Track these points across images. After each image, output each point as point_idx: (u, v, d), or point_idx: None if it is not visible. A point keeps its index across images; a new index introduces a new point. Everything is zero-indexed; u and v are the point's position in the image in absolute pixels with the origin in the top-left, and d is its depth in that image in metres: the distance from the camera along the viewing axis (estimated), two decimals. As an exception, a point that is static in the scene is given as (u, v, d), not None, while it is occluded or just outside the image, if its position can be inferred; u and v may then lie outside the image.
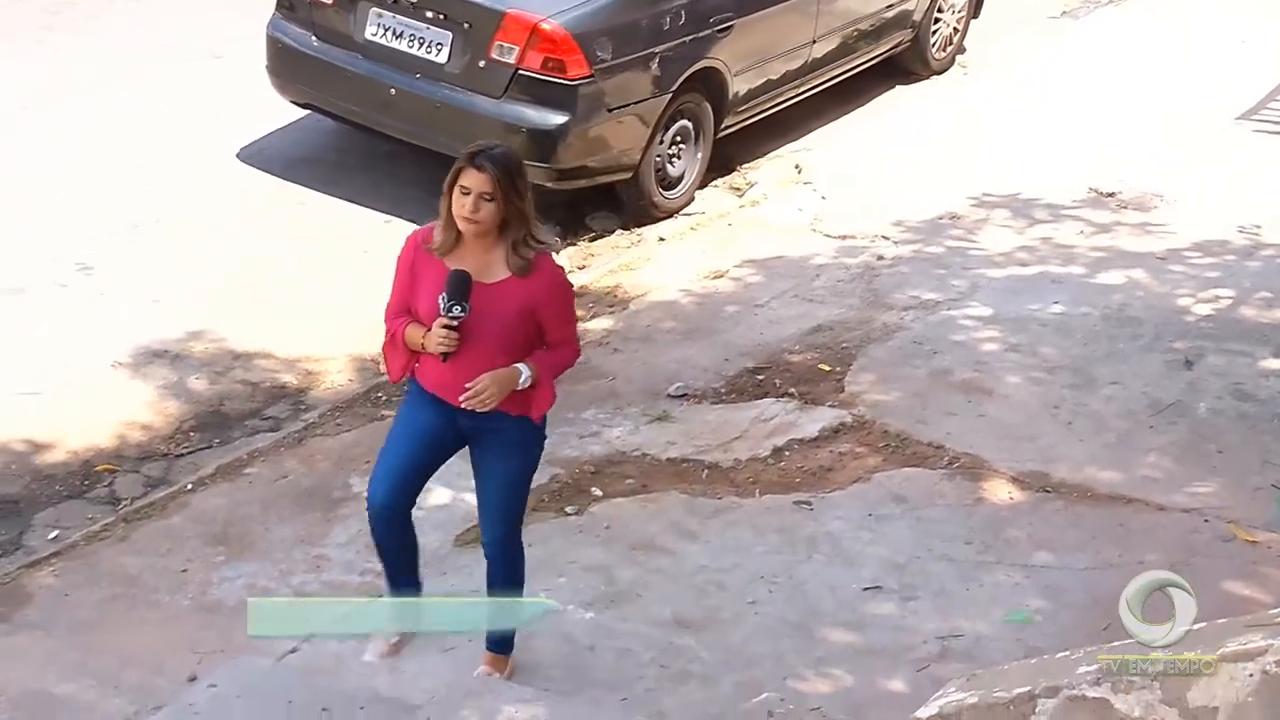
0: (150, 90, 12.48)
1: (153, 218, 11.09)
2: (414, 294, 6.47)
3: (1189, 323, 10.23)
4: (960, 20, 13.75)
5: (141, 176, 11.51)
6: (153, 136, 11.94)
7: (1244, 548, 8.22)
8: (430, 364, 6.51)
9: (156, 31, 13.21)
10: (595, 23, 10.92)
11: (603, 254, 11.32)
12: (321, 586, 7.99)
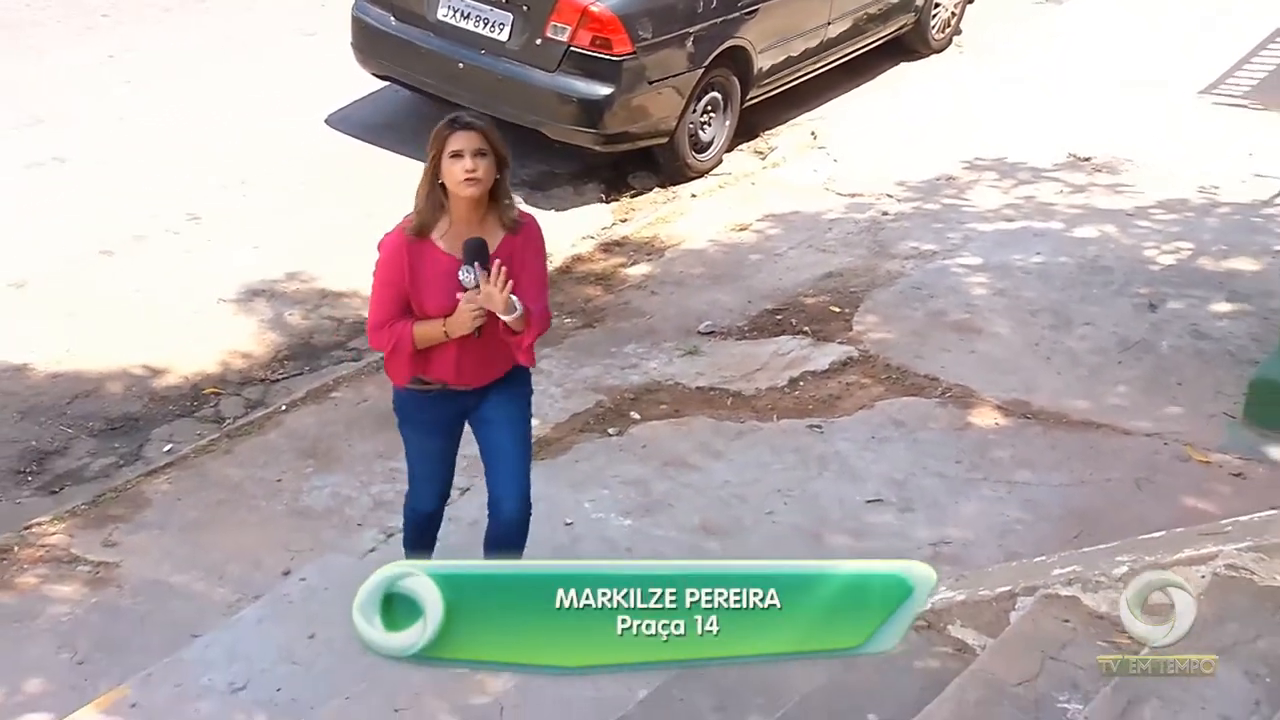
0: (251, 64, 12.50)
1: (252, 175, 11.13)
2: (418, 289, 5.87)
3: (1154, 271, 10.19)
4: (957, 5, 13.66)
5: (243, 139, 11.55)
6: (252, 104, 11.97)
7: (1199, 467, 8.22)
8: (438, 355, 5.97)
9: (257, 13, 13.24)
10: (638, 5, 10.91)
11: (642, 209, 11.29)
12: (396, 495, 8.00)
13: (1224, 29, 13.65)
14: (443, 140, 5.74)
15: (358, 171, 11.35)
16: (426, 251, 5.87)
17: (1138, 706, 4.75)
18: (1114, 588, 5.52)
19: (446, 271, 5.80)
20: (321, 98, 12.02)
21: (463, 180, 5.71)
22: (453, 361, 6.00)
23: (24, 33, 12.92)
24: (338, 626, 7.00)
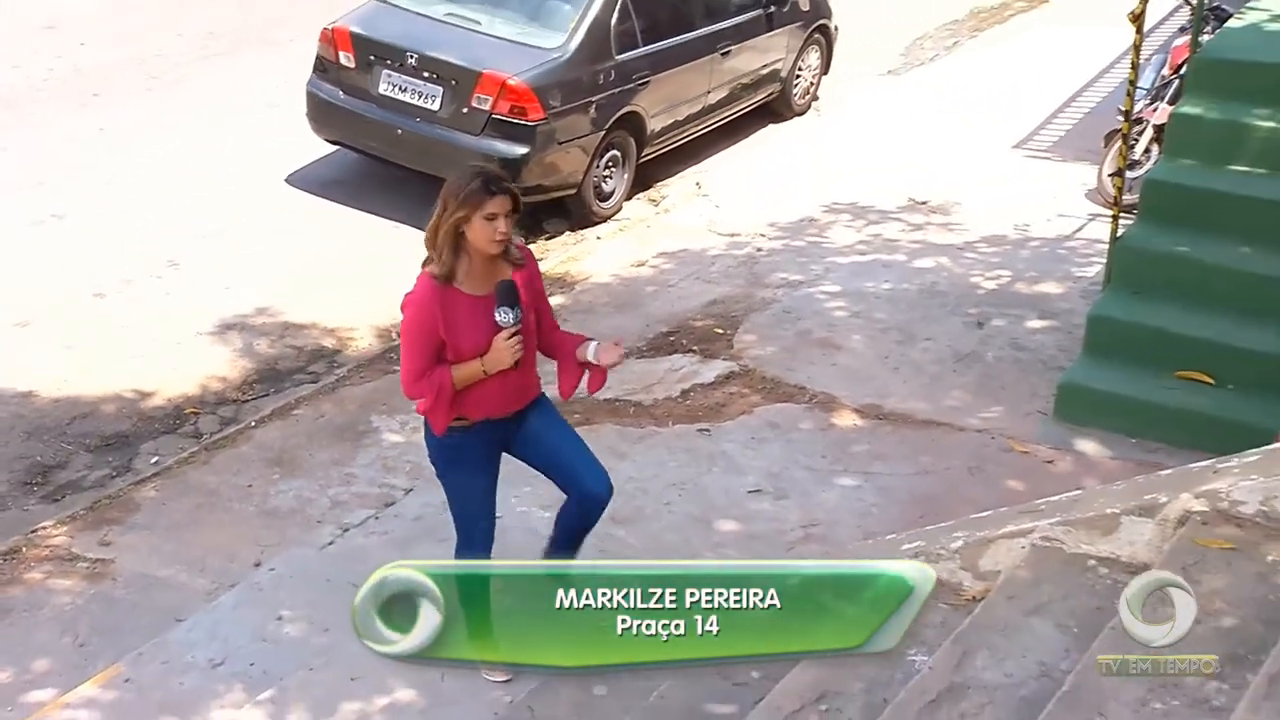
0: (222, 131, 12.37)
1: (224, 226, 10.99)
2: (453, 333, 5.39)
3: (980, 295, 10.25)
4: (815, 76, 13.72)
5: (215, 195, 11.41)
6: (223, 165, 11.84)
7: (1019, 457, 8.28)
8: (476, 392, 5.52)
9: (228, 88, 13.10)
10: (548, 79, 10.87)
11: (555, 249, 11.25)
12: (351, 496, 8.01)
13: (1032, 95, 13.77)
14: (479, 202, 5.26)
15: (314, 222, 11.26)
16: (453, 296, 5.38)
17: (971, 656, 4.76)
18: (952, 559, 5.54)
19: (476, 312, 5.39)
20: (283, 159, 11.90)
21: (494, 240, 5.29)
22: (495, 395, 5.58)
23: (27, 109, 12.78)
24: (302, 609, 7.02)
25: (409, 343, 5.47)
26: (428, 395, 5.46)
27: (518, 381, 5.62)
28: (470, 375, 5.42)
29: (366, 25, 11.43)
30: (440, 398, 5.44)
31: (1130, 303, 8.69)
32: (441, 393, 5.42)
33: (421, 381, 5.43)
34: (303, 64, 11.76)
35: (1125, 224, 9.14)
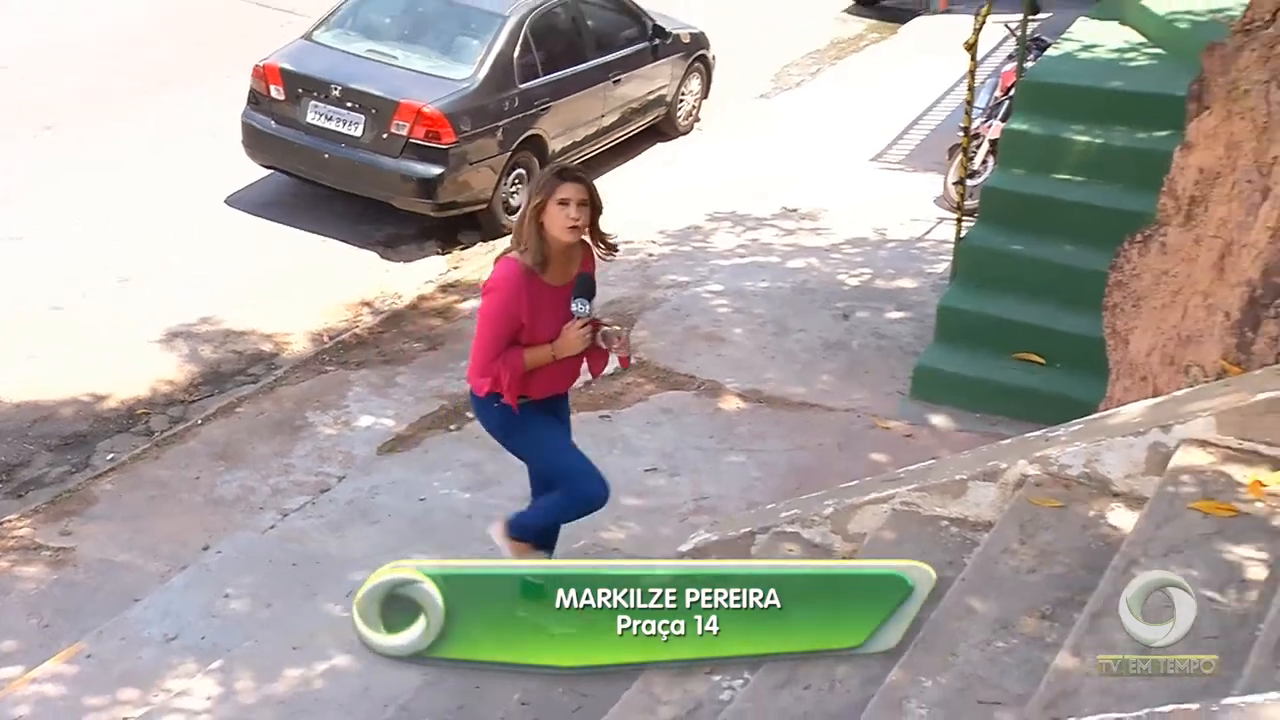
0: (167, 158, 12.18)
1: (169, 244, 10.82)
2: (534, 318, 5.21)
3: (845, 290, 10.33)
4: (696, 100, 13.74)
5: (162, 216, 11.24)
6: (169, 189, 11.65)
7: (883, 432, 8.38)
8: (542, 374, 5.38)
9: (171, 119, 12.90)
10: (460, 106, 10.83)
11: (469, 258, 11.18)
12: (289, 484, 7.96)
13: (886, 115, 13.86)
14: (552, 188, 5.11)
15: (252, 238, 11.12)
16: (538, 284, 5.20)
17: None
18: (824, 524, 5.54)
19: (554, 302, 5.24)
20: (222, 183, 11.74)
21: (567, 227, 5.12)
22: (554, 376, 5.50)
23: (-15, 142, 12.56)
24: (247, 586, 6.97)
25: (491, 325, 5.25)
26: (502, 375, 5.25)
27: (573, 367, 5.55)
28: (540, 359, 5.27)
29: (295, 61, 11.36)
30: (514, 378, 5.25)
31: (973, 294, 8.81)
32: (515, 374, 5.24)
33: (495, 362, 5.23)
34: (238, 97, 11.63)
35: (968, 226, 9.28)
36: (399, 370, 9.32)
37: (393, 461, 8.21)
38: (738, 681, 4.71)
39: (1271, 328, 4.88)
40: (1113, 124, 8.59)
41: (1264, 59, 5.47)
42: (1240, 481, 4.25)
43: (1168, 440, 4.53)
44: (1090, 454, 4.78)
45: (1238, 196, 5.49)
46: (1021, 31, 9.97)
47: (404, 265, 10.93)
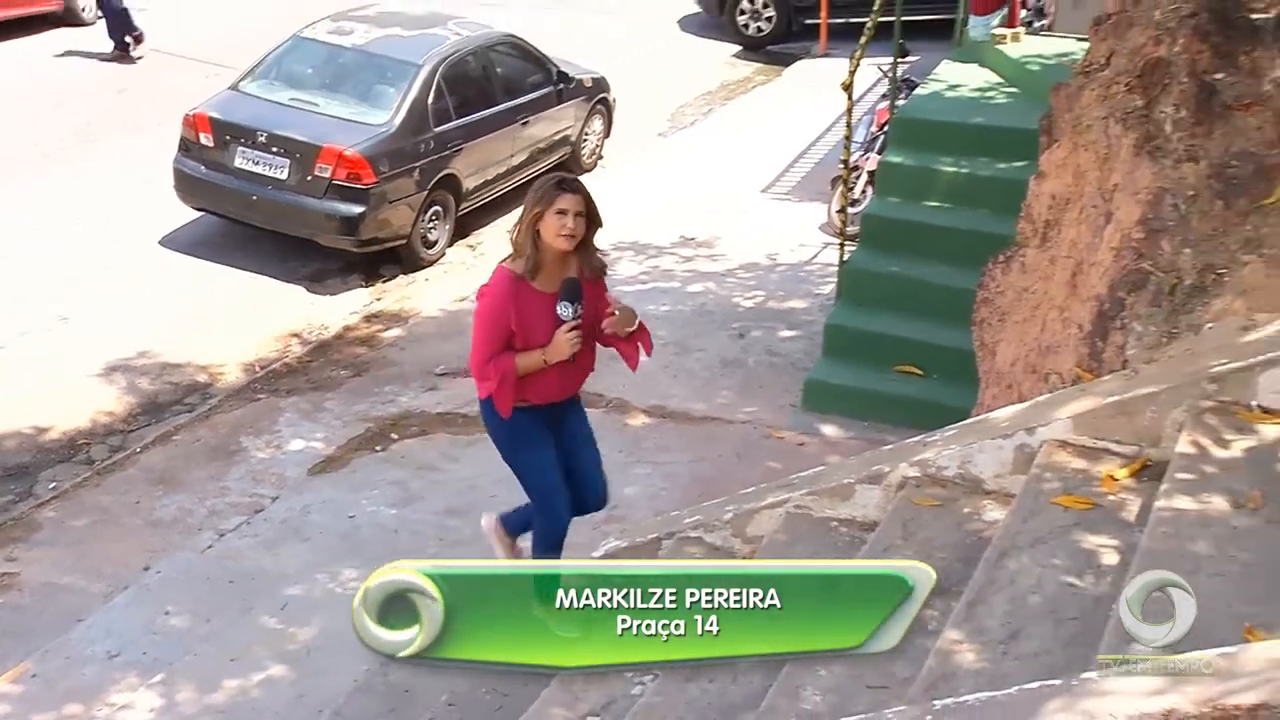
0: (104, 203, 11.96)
1: (108, 283, 10.63)
2: (524, 324, 4.96)
3: (740, 312, 10.38)
4: (599, 139, 13.76)
5: (99, 257, 11.03)
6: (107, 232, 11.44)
7: (777, 442, 8.43)
8: (538, 380, 5.10)
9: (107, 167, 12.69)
10: (378, 149, 10.75)
11: (391, 290, 11.10)
12: (225, 506, 7.86)
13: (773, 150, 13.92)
14: (552, 198, 4.88)
15: (185, 276, 10.95)
16: (527, 291, 4.95)
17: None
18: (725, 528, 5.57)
19: (545, 308, 4.98)
20: (156, 225, 11.55)
21: (563, 236, 4.87)
22: (554, 382, 5.17)
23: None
24: (186, 604, 6.87)
25: (482, 329, 5.04)
26: (492, 379, 5.01)
27: (575, 371, 5.24)
28: (532, 364, 5.01)
29: (222, 110, 11.24)
30: (505, 382, 5.00)
31: (857, 313, 8.91)
32: (506, 377, 4.98)
33: (489, 365, 5.00)
34: (169, 145, 11.47)
35: (850, 250, 9.36)
36: (327, 396, 9.24)
37: (323, 482, 8.13)
38: (648, 677, 4.72)
39: (1118, 338, 4.97)
40: (976, 155, 8.73)
41: (1102, 97, 5.59)
42: (1095, 477, 4.33)
43: (1032, 442, 4.60)
44: (964, 456, 4.84)
45: (1086, 220, 5.60)
46: (893, 73, 10.13)
47: (329, 298, 10.84)
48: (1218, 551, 3.57)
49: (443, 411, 9.00)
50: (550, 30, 15.14)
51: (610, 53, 15.63)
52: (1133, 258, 5.08)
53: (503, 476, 8.01)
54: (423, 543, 7.40)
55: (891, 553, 4.61)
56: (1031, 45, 9.81)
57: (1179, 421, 4.20)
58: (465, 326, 10.10)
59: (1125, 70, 5.48)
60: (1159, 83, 5.24)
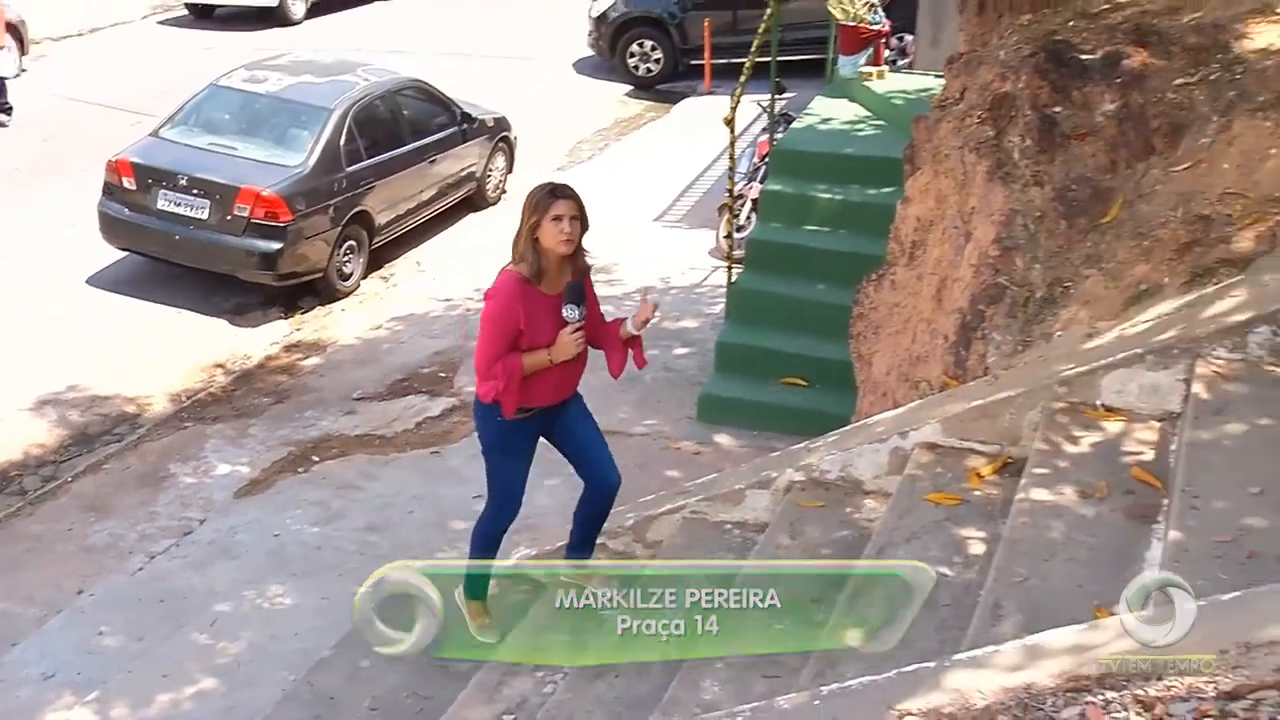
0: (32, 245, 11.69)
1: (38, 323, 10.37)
2: (532, 326, 4.73)
3: (637, 332, 10.36)
4: (502, 174, 13.71)
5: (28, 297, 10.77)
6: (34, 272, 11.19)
7: (675, 452, 8.44)
8: (541, 379, 4.84)
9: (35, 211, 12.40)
10: (294, 189, 10.62)
11: (310, 321, 10.96)
12: (155, 530, 7.70)
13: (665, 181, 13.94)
14: (547, 205, 4.68)
15: (113, 313, 10.71)
16: (533, 294, 4.74)
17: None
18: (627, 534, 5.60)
19: (549, 309, 4.76)
20: (83, 265, 11.31)
21: (562, 240, 4.66)
22: (553, 383, 4.93)
23: None
24: (119, 624, 6.71)
25: (490, 331, 4.80)
26: (500, 378, 4.77)
27: (574, 370, 5.01)
28: (537, 363, 4.78)
29: (144, 155, 11.07)
30: (512, 381, 4.76)
31: (745, 330, 8.97)
32: (513, 377, 4.75)
33: (496, 365, 4.76)
34: (93, 189, 11.24)
35: (737, 272, 9.41)
36: (251, 423, 9.11)
37: (248, 504, 8.01)
38: (559, 676, 4.71)
39: (979, 347, 5.07)
40: (848, 183, 8.85)
41: (957, 129, 5.71)
42: (963, 475, 4.41)
43: (905, 444, 4.67)
44: (845, 460, 4.90)
45: (948, 239, 5.70)
46: (771, 108, 10.24)
47: (251, 330, 10.67)
48: (1070, 538, 3.65)
49: (361, 434, 8.91)
50: (454, 75, 15.07)
51: (511, 95, 15.60)
52: (990, 273, 5.19)
53: (418, 493, 8.01)
54: (344, 558, 7.30)
55: (781, 553, 4.65)
56: (895, 82, 9.98)
57: (1035, 421, 4.29)
58: (381, 352, 10.12)
59: (977, 104, 5.60)
60: (1006, 115, 5.37)
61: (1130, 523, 3.70)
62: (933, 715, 2.54)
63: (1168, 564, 3.27)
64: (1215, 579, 3.10)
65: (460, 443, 8.68)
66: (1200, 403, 3.85)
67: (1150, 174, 4.95)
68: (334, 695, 5.48)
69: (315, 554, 7.40)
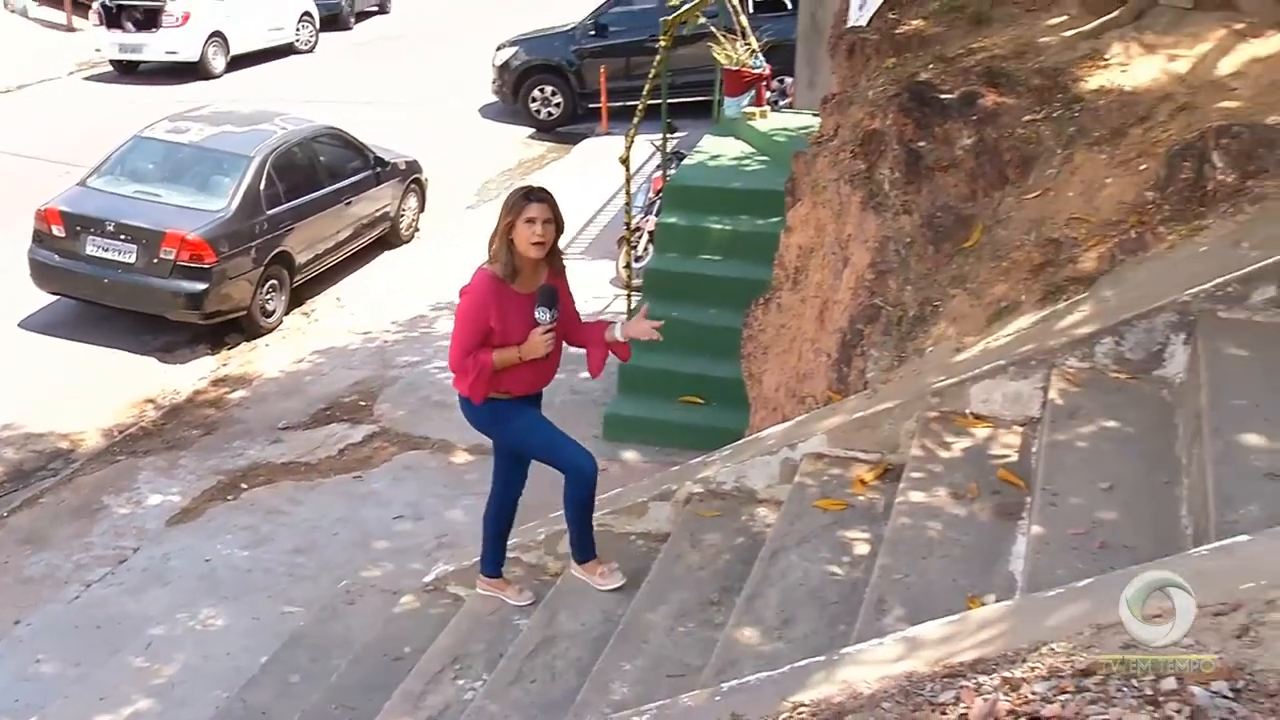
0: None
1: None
2: (504, 323, 4.56)
3: (547, 358, 10.32)
4: (415, 214, 13.59)
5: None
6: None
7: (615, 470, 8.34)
8: (515, 373, 4.67)
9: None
10: (217, 232, 10.44)
11: (236, 356, 10.74)
12: (90, 559, 7.49)
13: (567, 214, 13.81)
14: (520, 208, 4.53)
15: (46, 354, 10.43)
16: (507, 292, 4.57)
17: (556, 615, 4.80)
18: (539, 547, 5.56)
19: (522, 308, 4.59)
20: (15, 309, 11.00)
21: (534, 243, 4.51)
22: (530, 376, 4.75)
23: None
24: (56, 651, 6.52)
25: (462, 326, 4.64)
26: (470, 372, 4.60)
27: (544, 367, 4.80)
28: (507, 360, 4.61)
29: (72, 204, 10.84)
30: (481, 375, 4.59)
31: (646, 354, 8.87)
32: (482, 371, 4.58)
33: (467, 359, 4.59)
34: (24, 237, 10.94)
35: (636, 299, 9.42)
36: (181, 454, 8.91)
37: (180, 531, 7.83)
38: (478, 683, 4.66)
39: (859, 363, 5.13)
40: (737, 214, 8.91)
41: (833, 163, 5.78)
42: (848, 481, 4.45)
43: (795, 455, 4.71)
44: (739, 472, 4.92)
45: (827, 265, 5.77)
46: (663, 146, 10.30)
47: (180, 366, 10.45)
48: (945, 536, 3.70)
49: (286, 461, 8.76)
50: (367, 122, 14.92)
51: (422, 139, 15.48)
52: (866, 295, 5.26)
53: (342, 516, 7.91)
54: (273, 579, 7.18)
55: (682, 560, 4.65)
56: (776, 120, 10.08)
57: (911, 430, 4.35)
58: (304, 384, 9.97)
59: (849, 140, 5.68)
60: (876, 150, 5.45)
61: (998, 520, 3.76)
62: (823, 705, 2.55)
63: (1030, 557, 3.33)
64: (1072, 568, 3.17)
65: (381, 466, 8.60)
66: (1056, 408, 3.94)
67: (1005, 202, 5.06)
68: (265, 710, 5.38)
69: (245, 577, 7.26)
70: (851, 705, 2.51)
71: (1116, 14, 5.57)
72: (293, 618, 6.68)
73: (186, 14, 19.21)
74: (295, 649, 5.86)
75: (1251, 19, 5.21)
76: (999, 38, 5.89)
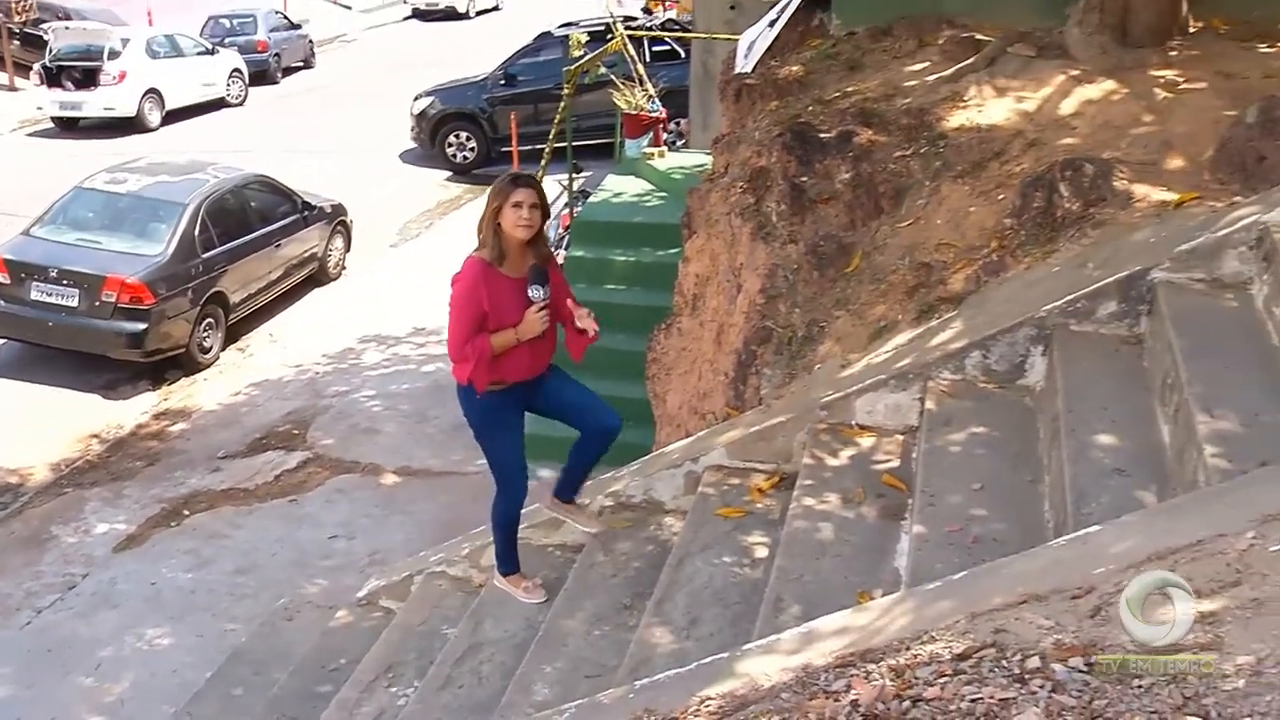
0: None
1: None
2: (496, 307, 4.25)
3: (469, 383, 10.23)
4: (341, 253, 13.37)
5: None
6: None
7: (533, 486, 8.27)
8: (512, 357, 4.32)
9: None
10: (155, 275, 10.19)
11: (176, 391, 10.45)
12: (41, 586, 7.24)
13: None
14: (507, 194, 4.22)
15: (-10, 394, 10.09)
16: (496, 276, 4.25)
17: (482, 623, 4.71)
18: (464, 561, 5.46)
19: (513, 290, 4.27)
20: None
21: (520, 226, 4.19)
22: (526, 359, 4.35)
23: None
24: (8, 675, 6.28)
25: (457, 313, 4.32)
26: (470, 359, 4.28)
27: (544, 348, 4.44)
28: (505, 342, 4.27)
29: (16, 252, 10.54)
30: (481, 360, 4.26)
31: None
32: (482, 356, 4.25)
33: (466, 346, 4.28)
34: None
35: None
36: (126, 485, 8.64)
37: (127, 557, 7.59)
38: (410, 690, 4.56)
39: (754, 381, 5.14)
40: (640, 246, 8.90)
41: (725, 197, 5.80)
42: (746, 490, 4.45)
43: (697, 468, 4.69)
44: (647, 485, 4.90)
45: (723, 291, 5.78)
46: (570, 185, 10.27)
47: (123, 402, 10.14)
48: (836, 537, 3.71)
49: (226, 488, 8.55)
50: (294, 169, 14.68)
51: (346, 184, 15.28)
52: (759, 318, 5.27)
53: (279, 537, 7.73)
54: (216, 599, 7.00)
55: (596, 568, 4.61)
56: (674, 159, 10.12)
57: (803, 441, 4.36)
58: (241, 415, 9.74)
59: (739, 176, 5.71)
60: (763, 185, 5.48)
61: (883, 521, 3.78)
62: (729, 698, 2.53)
63: (913, 553, 3.35)
64: (950, 562, 3.19)
65: (315, 490, 8.43)
66: (932, 416, 3.98)
67: (881, 230, 5.11)
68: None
69: (189, 598, 7.06)
70: (754, 697, 2.49)
71: (972, 60, 5.69)
72: (235, 634, 6.50)
73: (123, 72, 18.78)
74: (238, 664, 5.69)
75: (1085, 66, 5.40)
76: (870, 82, 5.98)
